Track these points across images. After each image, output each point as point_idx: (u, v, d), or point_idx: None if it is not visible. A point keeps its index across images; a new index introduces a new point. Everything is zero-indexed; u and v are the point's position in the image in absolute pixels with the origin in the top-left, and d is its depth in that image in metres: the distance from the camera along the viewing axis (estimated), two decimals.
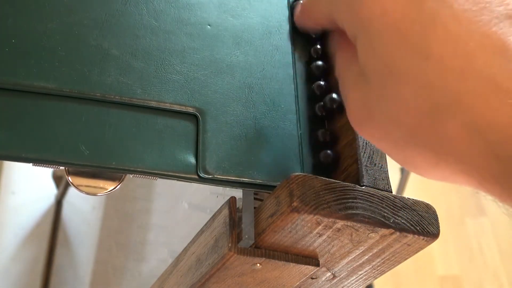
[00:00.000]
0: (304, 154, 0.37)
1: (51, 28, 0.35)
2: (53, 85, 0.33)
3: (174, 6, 0.39)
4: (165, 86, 0.35)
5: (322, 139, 0.38)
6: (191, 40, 0.38)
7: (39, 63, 0.33)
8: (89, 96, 0.33)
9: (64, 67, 0.34)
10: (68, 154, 0.31)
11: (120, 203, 0.86)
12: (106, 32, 0.36)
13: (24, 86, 0.32)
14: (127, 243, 0.77)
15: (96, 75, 0.34)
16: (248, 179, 0.34)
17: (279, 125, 0.37)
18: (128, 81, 0.35)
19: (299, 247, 0.32)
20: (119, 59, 0.35)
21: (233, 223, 0.33)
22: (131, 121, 0.34)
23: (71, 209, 1.05)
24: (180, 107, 0.35)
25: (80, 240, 1.00)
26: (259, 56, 0.40)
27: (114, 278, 0.80)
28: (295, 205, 0.29)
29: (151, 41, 0.37)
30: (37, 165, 0.31)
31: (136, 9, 0.38)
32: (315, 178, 0.31)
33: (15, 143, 0.31)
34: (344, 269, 0.36)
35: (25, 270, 0.98)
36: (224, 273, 0.33)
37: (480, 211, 1.73)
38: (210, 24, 0.39)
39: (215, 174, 0.33)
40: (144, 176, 0.33)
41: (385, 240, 0.32)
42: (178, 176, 0.33)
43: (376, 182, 0.34)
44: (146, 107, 0.34)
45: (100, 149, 0.32)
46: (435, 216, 0.33)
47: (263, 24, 0.41)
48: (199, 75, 0.37)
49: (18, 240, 1.00)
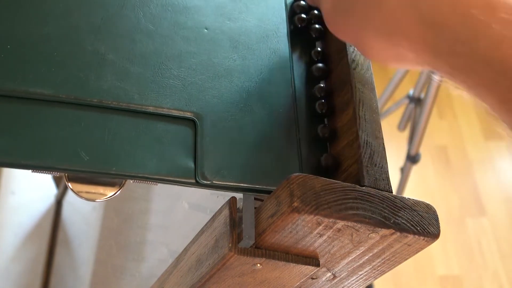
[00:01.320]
0: (303, 158, 0.37)
1: (47, 32, 0.35)
2: (50, 91, 0.33)
3: (170, 10, 0.39)
4: (163, 91, 0.35)
5: (322, 139, 0.38)
6: (188, 44, 0.38)
7: (35, 68, 0.33)
8: (86, 102, 0.33)
9: (61, 73, 0.34)
10: (68, 160, 0.31)
11: (120, 203, 0.86)
12: (103, 36, 0.36)
13: (21, 92, 0.32)
14: (127, 243, 0.77)
15: (93, 80, 0.34)
16: (247, 184, 0.34)
17: (278, 129, 0.37)
18: (126, 86, 0.35)
19: (300, 247, 0.32)
20: (116, 64, 0.35)
21: (233, 223, 0.33)
22: (130, 127, 0.33)
23: (71, 209, 1.04)
24: (178, 112, 0.35)
25: (80, 240, 1.00)
26: (256, 59, 0.39)
27: (114, 278, 0.80)
28: (296, 206, 0.29)
29: (148, 46, 0.37)
30: (37, 171, 0.31)
31: (133, 13, 0.38)
32: (316, 179, 0.31)
33: (13, 150, 0.30)
34: (345, 269, 0.36)
35: (25, 270, 0.98)
36: (224, 273, 0.33)
37: (480, 211, 1.73)
38: (207, 28, 0.39)
39: (213, 180, 0.33)
40: (144, 181, 0.33)
41: (385, 241, 0.32)
42: (177, 181, 0.33)
43: (376, 183, 0.34)
44: (144, 112, 0.34)
45: (100, 154, 0.32)
46: (435, 216, 0.33)
47: (260, 27, 0.41)
48: (196, 80, 0.37)
49: (18, 240, 1.00)
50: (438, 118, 1.93)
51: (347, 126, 0.37)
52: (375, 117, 0.37)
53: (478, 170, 1.82)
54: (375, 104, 0.38)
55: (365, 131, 0.36)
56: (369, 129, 0.36)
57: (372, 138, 0.36)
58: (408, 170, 1.38)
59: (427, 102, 1.22)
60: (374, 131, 0.36)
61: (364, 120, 0.36)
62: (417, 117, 1.30)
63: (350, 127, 0.36)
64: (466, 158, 1.86)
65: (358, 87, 0.38)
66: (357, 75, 0.38)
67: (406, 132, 1.43)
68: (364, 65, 0.39)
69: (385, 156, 0.35)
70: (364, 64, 0.39)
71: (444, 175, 1.81)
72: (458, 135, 1.91)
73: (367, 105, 0.37)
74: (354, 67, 0.39)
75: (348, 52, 0.39)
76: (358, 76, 0.38)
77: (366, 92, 0.38)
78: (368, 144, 0.35)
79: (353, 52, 0.40)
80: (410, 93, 1.33)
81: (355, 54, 0.40)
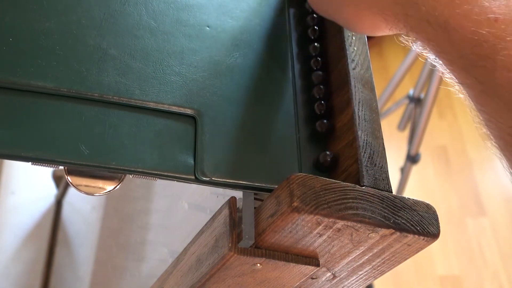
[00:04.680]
0: (303, 157, 0.37)
1: (49, 27, 0.35)
2: (51, 84, 0.33)
3: (173, 7, 0.39)
4: (164, 87, 0.35)
5: (321, 136, 0.38)
6: (190, 41, 0.38)
7: (36, 62, 0.33)
8: (87, 96, 0.33)
9: (62, 67, 0.34)
10: (68, 153, 0.31)
11: (120, 203, 0.86)
12: (105, 32, 0.36)
13: (22, 85, 0.32)
14: (127, 243, 0.77)
15: (94, 75, 0.34)
16: (246, 182, 0.34)
17: (278, 128, 0.37)
18: (127, 81, 0.35)
19: (299, 247, 0.32)
20: (117, 59, 0.35)
21: (233, 223, 0.33)
22: (130, 122, 0.34)
23: (71, 209, 1.05)
24: (178, 108, 0.35)
25: (80, 240, 1.00)
26: (258, 58, 0.39)
27: (114, 278, 0.80)
28: (296, 205, 0.29)
29: (149, 42, 0.37)
30: (37, 164, 0.31)
31: (135, 10, 0.38)
32: (316, 178, 0.31)
33: (14, 142, 0.31)
34: (344, 269, 0.36)
35: (25, 270, 0.98)
36: (224, 273, 0.33)
37: (480, 211, 1.73)
38: (209, 26, 0.39)
39: (212, 177, 0.33)
40: (144, 176, 0.33)
41: (385, 240, 0.32)
42: (177, 177, 0.33)
43: (376, 182, 0.34)
44: (144, 108, 0.34)
45: (100, 148, 0.32)
46: (435, 216, 0.33)
47: (262, 26, 0.41)
48: (197, 77, 0.37)
49: (18, 240, 1.00)
50: (438, 118, 1.93)
51: (347, 126, 0.37)
52: (375, 117, 0.37)
53: (478, 170, 1.82)
54: (375, 104, 0.38)
55: (364, 131, 0.36)
56: (369, 129, 0.36)
57: (372, 138, 0.36)
58: (408, 170, 1.38)
59: (427, 102, 1.22)
60: (374, 131, 0.36)
61: (364, 120, 0.36)
62: (417, 117, 1.30)
63: (350, 127, 0.36)
64: (466, 158, 1.86)
65: (358, 87, 0.38)
66: (357, 75, 0.38)
67: (406, 132, 1.43)
68: (364, 65, 0.39)
69: (385, 156, 0.35)
70: (364, 64, 0.39)
71: (444, 175, 1.81)
72: (458, 135, 1.91)
73: (367, 105, 0.37)
74: (354, 67, 0.39)
75: (348, 52, 0.39)
76: (357, 76, 0.38)
77: (366, 92, 0.38)
78: (368, 144, 0.35)
79: (353, 52, 0.40)
80: (410, 93, 1.33)
81: (354, 54, 0.40)
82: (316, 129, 0.38)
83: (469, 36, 0.28)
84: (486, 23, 0.28)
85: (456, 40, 0.29)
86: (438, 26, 0.30)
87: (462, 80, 0.30)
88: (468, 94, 0.30)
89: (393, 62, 2.05)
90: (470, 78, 0.29)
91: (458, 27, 0.29)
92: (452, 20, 0.29)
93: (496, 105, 0.28)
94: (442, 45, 0.30)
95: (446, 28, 0.29)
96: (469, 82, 0.29)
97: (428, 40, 0.31)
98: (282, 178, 0.31)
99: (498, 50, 0.28)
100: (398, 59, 1.98)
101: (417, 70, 1.30)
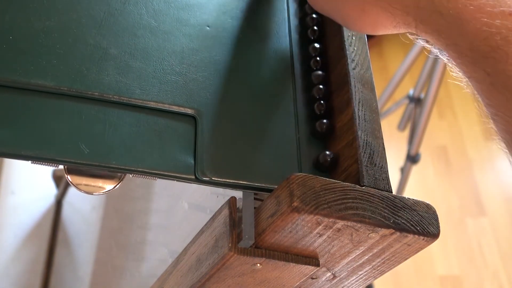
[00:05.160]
0: (303, 157, 0.37)
1: (49, 25, 0.35)
2: (51, 83, 0.33)
3: (173, 6, 0.39)
4: (164, 86, 0.35)
5: (321, 136, 0.38)
6: (190, 41, 0.38)
7: (36, 60, 0.33)
8: (87, 95, 0.33)
9: (62, 65, 0.34)
10: (68, 152, 0.31)
11: (120, 203, 0.86)
12: (105, 31, 0.36)
13: (22, 83, 0.32)
14: (127, 243, 0.77)
15: (95, 74, 0.34)
16: (246, 182, 0.34)
17: (277, 128, 0.37)
18: (127, 80, 0.35)
19: (299, 247, 0.32)
20: (118, 59, 0.35)
21: (233, 223, 0.33)
22: (131, 121, 0.34)
23: (71, 209, 1.05)
24: (178, 108, 0.35)
25: (80, 240, 1.00)
26: (258, 58, 0.39)
27: (114, 278, 0.80)
28: (296, 205, 0.29)
29: (150, 41, 0.37)
30: (36, 163, 0.31)
31: (136, 9, 0.38)
32: (315, 178, 0.31)
33: (14, 140, 0.31)
34: (344, 269, 0.36)
35: (25, 270, 0.98)
36: (224, 273, 0.33)
37: (480, 211, 1.73)
38: (209, 25, 0.39)
39: (212, 177, 0.33)
40: (144, 176, 0.33)
41: (385, 240, 0.32)
42: (177, 177, 0.33)
43: (376, 182, 0.34)
44: (145, 107, 0.34)
45: (100, 148, 0.32)
46: (435, 216, 0.33)
47: (262, 26, 0.41)
48: (198, 76, 0.37)
49: (18, 240, 1.00)
50: (438, 118, 1.93)
51: (346, 126, 0.37)
52: (375, 117, 0.37)
53: (478, 170, 1.82)
54: (375, 104, 0.38)
55: (364, 131, 0.36)
56: (369, 129, 0.36)
57: (372, 138, 0.36)
58: (408, 170, 1.38)
59: (427, 102, 1.22)
60: (374, 131, 0.36)
61: (363, 120, 0.36)
62: (417, 117, 1.30)
63: (349, 127, 0.36)
64: (466, 158, 1.86)
65: (357, 87, 0.38)
66: (357, 75, 0.38)
67: (406, 132, 1.43)
68: (364, 65, 0.39)
69: (385, 156, 0.35)
70: (364, 64, 0.39)
71: (444, 175, 1.81)
72: (458, 135, 1.91)
73: (367, 105, 0.37)
74: (354, 67, 0.39)
75: (348, 52, 0.39)
76: (357, 76, 0.38)
77: (366, 92, 0.38)
78: (368, 144, 0.35)
79: (353, 52, 0.40)
80: (410, 93, 1.33)
81: (354, 54, 0.40)
82: (316, 129, 0.38)
83: (481, 28, 0.29)
84: (500, 15, 0.29)
85: (467, 32, 0.29)
86: (451, 17, 0.30)
87: (470, 74, 0.30)
88: (476, 88, 0.31)
89: (393, 62, 2.05)
90: (479, 71, 0.29)
91: (471, 18, 0.29)
92: (466, 11, 0.29)
93: (504, 98, 0.29)
94: (453, 37, 0.30)
95: (459, 19, 0.30)
96: (477, 75, 0.30)
97: (438, 32, 0.31)
98: (282, 178, 0.31)
99: (510, 42, 0.28)
100: (398, 59, 1.98)
101: (417, 70, 1.30)
